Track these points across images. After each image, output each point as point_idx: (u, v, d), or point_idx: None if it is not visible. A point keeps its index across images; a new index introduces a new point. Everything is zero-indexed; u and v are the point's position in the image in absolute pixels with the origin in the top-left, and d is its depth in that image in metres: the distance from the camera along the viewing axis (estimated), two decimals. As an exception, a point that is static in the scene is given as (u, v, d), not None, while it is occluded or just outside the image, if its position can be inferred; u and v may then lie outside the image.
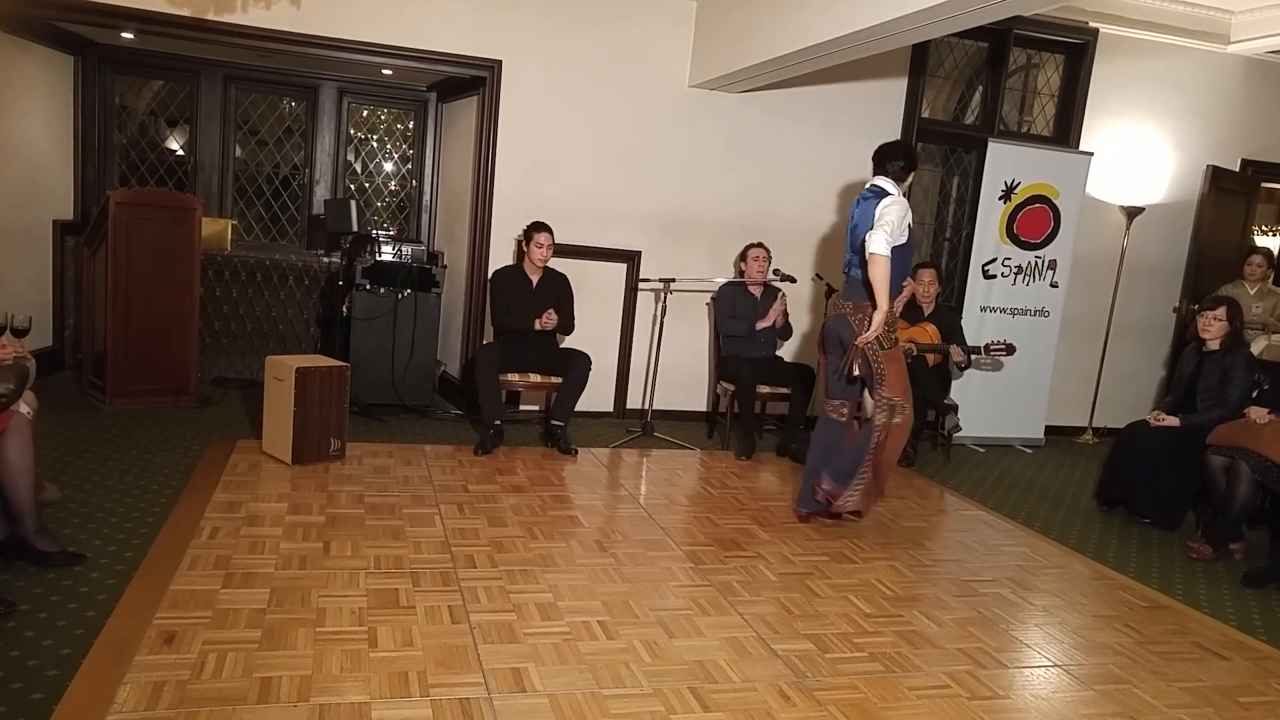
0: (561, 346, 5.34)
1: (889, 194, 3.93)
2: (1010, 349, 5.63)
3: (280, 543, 3.44)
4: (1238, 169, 6.95)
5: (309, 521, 3.69)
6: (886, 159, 4.07)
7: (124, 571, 3.07)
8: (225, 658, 2.55)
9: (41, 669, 2.42)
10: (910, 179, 4.14)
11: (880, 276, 3.76)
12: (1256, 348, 5.71)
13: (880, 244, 3.75)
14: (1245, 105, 6.87)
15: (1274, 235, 9.07)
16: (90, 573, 3.04)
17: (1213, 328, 4.60)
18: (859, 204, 4.07)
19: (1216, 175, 6.79)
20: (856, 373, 3.96)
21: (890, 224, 3.78)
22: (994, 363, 6.16)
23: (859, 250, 3.92)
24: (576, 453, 5.14)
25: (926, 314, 5.65)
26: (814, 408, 6.06)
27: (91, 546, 3.24)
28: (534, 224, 5.23)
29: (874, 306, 3.83)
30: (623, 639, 2.90)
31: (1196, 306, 4.96)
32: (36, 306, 5.61)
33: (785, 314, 5.48)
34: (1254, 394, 4.58)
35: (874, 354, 3.95)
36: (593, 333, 5.72)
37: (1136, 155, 6.70)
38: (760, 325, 5.43)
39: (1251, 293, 5.98)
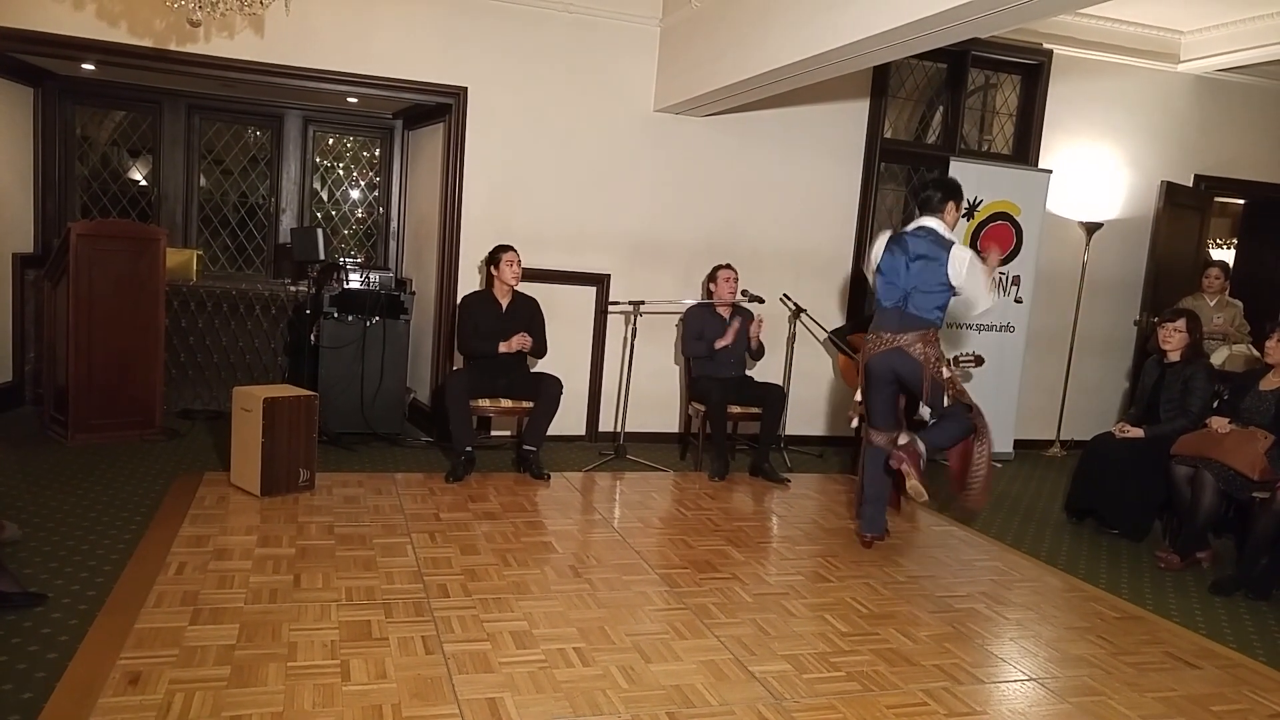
0: (532, 371, 5.33)
1: (949, 240, 4.07)
2: (979, 360, 5.70)
3: (250, 576, 3.38)
4: (1191, 184, 7.11)
5: (279, 554, 3.64)
6: (927, 192, 4.20)
7: (87, 611, 3.00)
8: (193, 697, 2.49)
9: (1, 715, 2.35)
10: (954, 210, 4.21)
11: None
12: (1218, 358, 5.82)
13: (989, 302, 4.22)
14: (1196, 122, 7.05)
15: (1228, 248, 9.28)
16: (52, 613, 2.97)
17: (1173, 339, 4.70)
18: (913, 245, 4.09)
19: (1171, 190, 6.94)
20: (947, 403, 4.08)
21: (984, 284, 4.10)
22: (963, 374, 6.22)
23: (921, 289, 4.06)
24: (549, 477, 5.11)
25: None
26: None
27: (53, 586, 3.17)
28: (498, 246, 5.23)
29: (934, 332, 4.14)
30: (599, 665, 2.88)
31: (1156, 319, 5.06)
32: (-5, 341, 5.52)
33: (759, 335, 5.52)
34: (1215, 404, 4.66)
35: (939, 375, 4.07)
36: (563, 356, 5.71)
37: (1094, 172, 6.85)
38: (719, 344, 5.45)
39: (1211, 304, 6.10)
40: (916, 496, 4.05)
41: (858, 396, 4.41)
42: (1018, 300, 6.47)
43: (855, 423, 4.68)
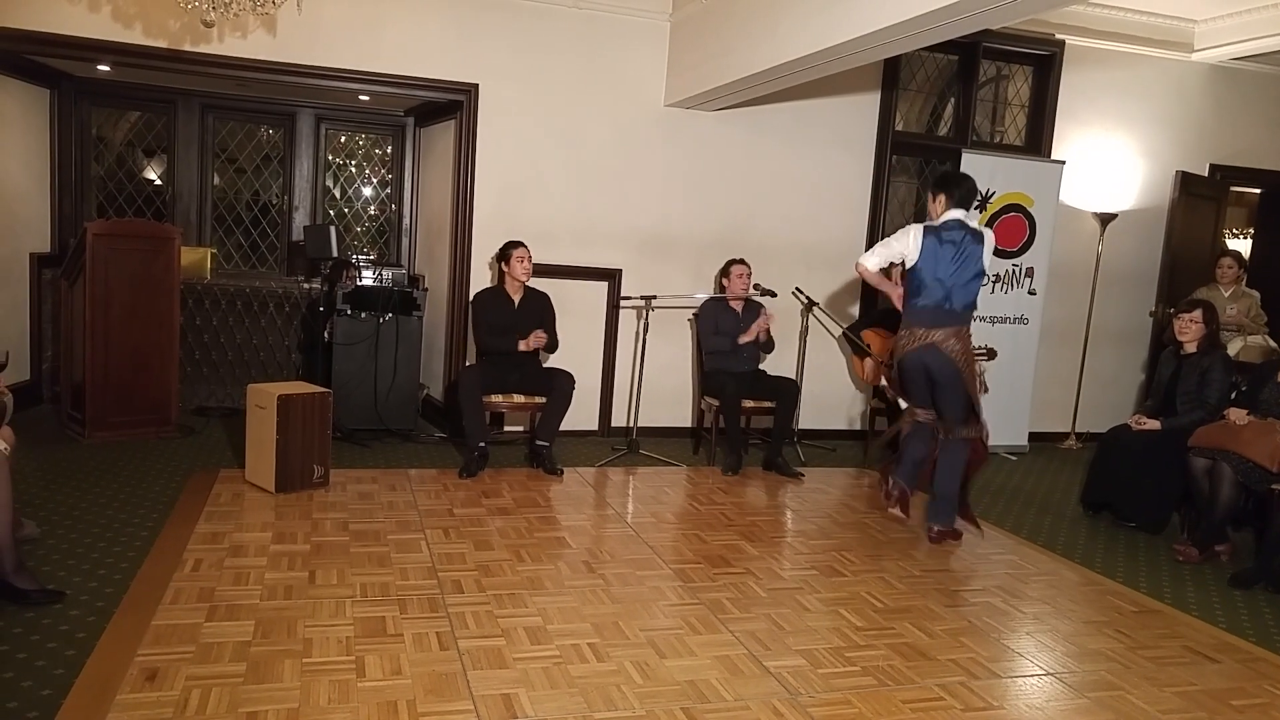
0: (544, 366, 5.33)
1: (979, 229, 4.20)
2: (991, 353, 5.67)
3: (265, 573, 3.40)
4: (1206, 174, 7.05)
5: (294, 550, 3.66)
6: (952, 189, 4.26)
7: (105, 608, 3.02)
8: (210, 693, 2.51)
9: (21, 711, 2.38)
10: (944, 201, 4.28)
11: None
12: (1233, 349, 5.78)
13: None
14: (1212, 111, 6.98)
15: (1244, 238, 9.19)
16: (70, 610, 2.99)
17: (1189, 330, 4.65)
18: (956, 241, 4.16)
19: (1186, 180, 6.88)
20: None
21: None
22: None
23: (960, 284, 4.16)
24: (562, 473, 5.11)
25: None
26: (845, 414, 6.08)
27: (71, 583, 3.19)
28: (509, 243, 5.24)
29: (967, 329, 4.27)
30: (613, 661, 2.88)
31: (1173, 310, 5.01)
32: (13, 340, 5.55)
33: (768, 329, 5.52)
34: (1232, 395, 4.62)
35: (969, 373, 4.19)
36: (576, 351, 5.71)
37: (1107, 163, 6.79)
38: (743, 339, 5.45)
39: (1225, 295, 6.05)
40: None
41: (882, 382, 4.58)
42: (1031, 292, 6.42)
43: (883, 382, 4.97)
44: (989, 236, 4.22)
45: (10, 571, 2.98)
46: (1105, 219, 6.71)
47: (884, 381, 4.48)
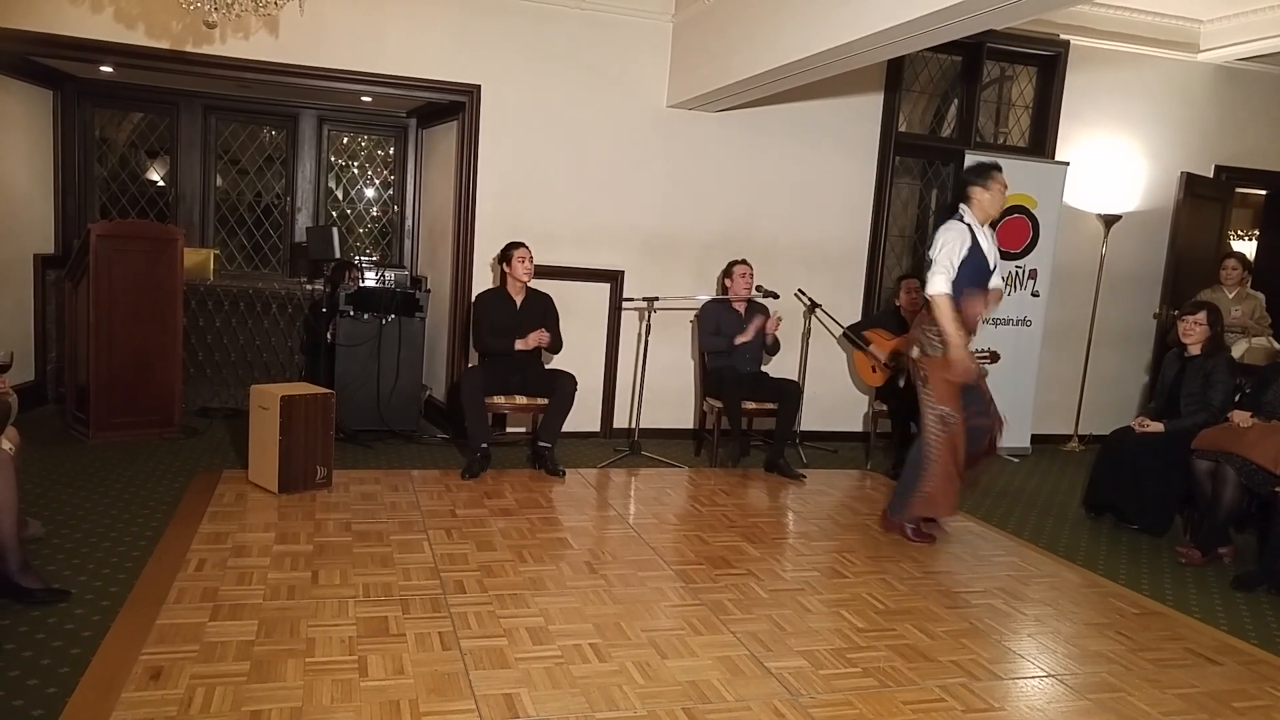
0: (547, 368, 5.34)
1: (954, 218, 4.15)
2: (994, 356, 5.66)
3: (268, 573, 3.41)
4: (1211, 175, 7.04)
5: (297, 551, 3.67)
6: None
7: (109, 607, 3.03)
8: (214, 692, 2.52)
9: (27, 709, 2.39)
10: (977, 193, 4.19)
11: (942, 315, 4.01)
12: (1237, 351, 5.76)
13: (937, 284, 4.00)
14: (1216, 112, 6.97)
15: (1250, 240, 9.17)
16: (75, 609, 3.00)
17: (1194, 332, 4.64)
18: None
19: (1191, 182, 6.87)
20: (883, 361, 4.23)
21: (940, 261, 4.02)
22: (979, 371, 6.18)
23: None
24: (564, 474, 5.12)
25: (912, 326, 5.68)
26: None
27: (76, 582, 3.21)
28: (510, 244, 5.25)
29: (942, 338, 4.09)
30: (615, 661, 2.89)
31: (1177, 312, 5.01)
32: (17, 341, 5.57)
33: (775, 331, 5.53)
34: (1236, 397, 4.61)
35: (920, 361, 4.16)
36: (578, 353, 5.71)
37: (1112, 164, 6.78)
38: (739, 340, 5.45)
39: (1230, 296, 6.03)
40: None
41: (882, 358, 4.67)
42: (1035, 294, 6.42)
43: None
44: (940, 231, 4.12)
45: (16, 571, 3.00)
46: (1109, 220, 6.70)
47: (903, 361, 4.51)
